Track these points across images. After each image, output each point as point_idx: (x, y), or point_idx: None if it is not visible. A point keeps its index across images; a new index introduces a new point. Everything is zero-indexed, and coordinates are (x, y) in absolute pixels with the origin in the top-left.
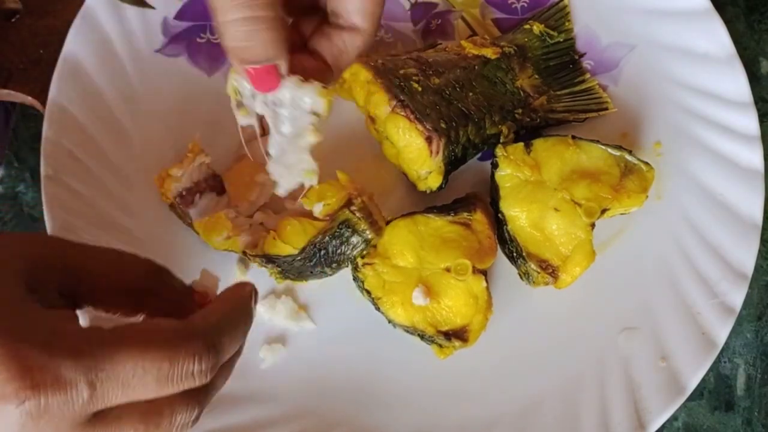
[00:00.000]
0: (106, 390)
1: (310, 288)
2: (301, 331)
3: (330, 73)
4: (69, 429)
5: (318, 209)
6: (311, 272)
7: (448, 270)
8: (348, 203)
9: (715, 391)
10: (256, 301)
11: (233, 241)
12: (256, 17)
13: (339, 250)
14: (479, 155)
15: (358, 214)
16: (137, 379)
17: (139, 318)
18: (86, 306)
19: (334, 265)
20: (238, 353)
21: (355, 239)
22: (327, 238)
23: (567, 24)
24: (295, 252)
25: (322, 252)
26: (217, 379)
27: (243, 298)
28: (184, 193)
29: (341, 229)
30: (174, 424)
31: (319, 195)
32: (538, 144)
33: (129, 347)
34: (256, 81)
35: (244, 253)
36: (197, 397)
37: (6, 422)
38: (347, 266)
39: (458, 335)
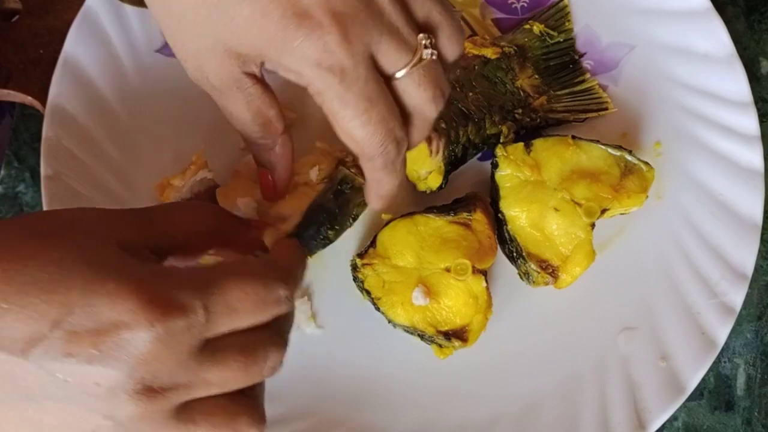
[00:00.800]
0: (216, 315)
1: (309, 288)
2: (301, 331)
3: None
4: (187, 357)
5: (314, 174)
6: (314, 240)
7: (447, 270)
8: (341, 162)
9: (715, 391)
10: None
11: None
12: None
13: (342, 210)
14: (479, 155)
15: (353, 170)
16: (240, 303)
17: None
18: (177, 257)
19: (337, 226)
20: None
21: (355, 195)
22: (329, 195)
23: (567, 24)
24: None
25: (324, 215)
26: (287, 329)
27: (299, 247)
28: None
29: (341, 186)
30: (266, 360)
31: (310, 164)
32: (538, 144)
33: (231, 276)
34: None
35: None
36: (280, 340)
37: (137, 349)
38: (350, 226)
39: (458, 335)
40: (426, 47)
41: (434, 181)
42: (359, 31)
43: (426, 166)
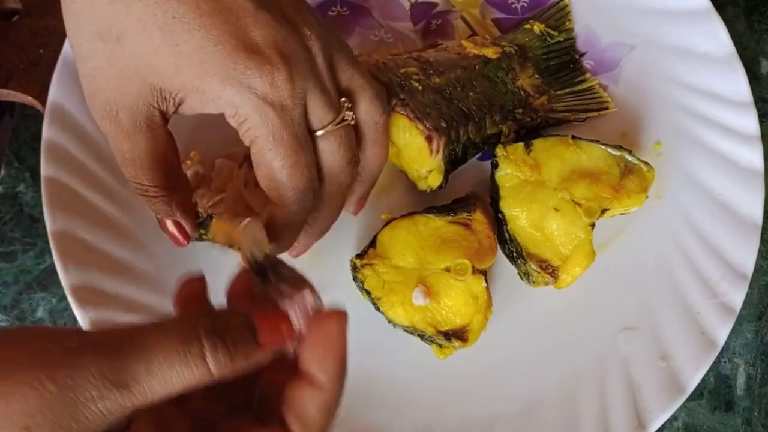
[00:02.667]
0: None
1: None
2: None
3: None
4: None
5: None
6: None
7: (447, 270)
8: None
9: (715, 391)
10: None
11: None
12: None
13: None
14: (479, 155)
15: None
16: None
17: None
18: None
19: None
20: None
21: None
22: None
23: (568, 23)
24: None
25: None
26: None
27: (343, 369)
28: None
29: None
30: None
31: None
32: (538, 144)
33: None
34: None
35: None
36: None
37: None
38: None
39: (458, 335)
40: (348, 110)
41: (434, 181)
42: (302, 76)
43: (426, 166)
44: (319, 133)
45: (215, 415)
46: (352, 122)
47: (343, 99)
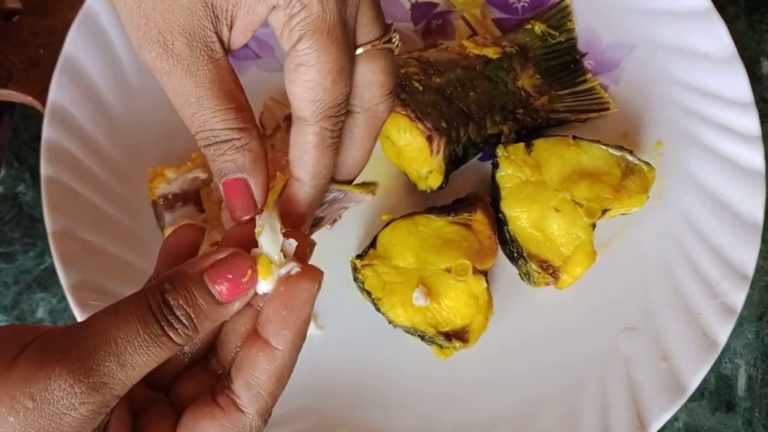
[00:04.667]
0: None
1: None
2: None
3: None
4: None
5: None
6: None
7: (448, 270)
8: None
9: (716, 391)
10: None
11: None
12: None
13: None
14: (480, 155)
15: None
16: None
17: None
18: None
19: None
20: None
21: None
22: None
23: (568, 24)
24: None
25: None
26: None
27: (302, 334)
28: (169, 196)
29: None
30: None
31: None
32: (539, 144)
33: None
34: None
35: None
36: None
37: None
38: None
39: (458, 336)
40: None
41: (435, 181)
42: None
43: (426, 166)
44: (360, 50)
45: (170, 374)
46: (397, 49)
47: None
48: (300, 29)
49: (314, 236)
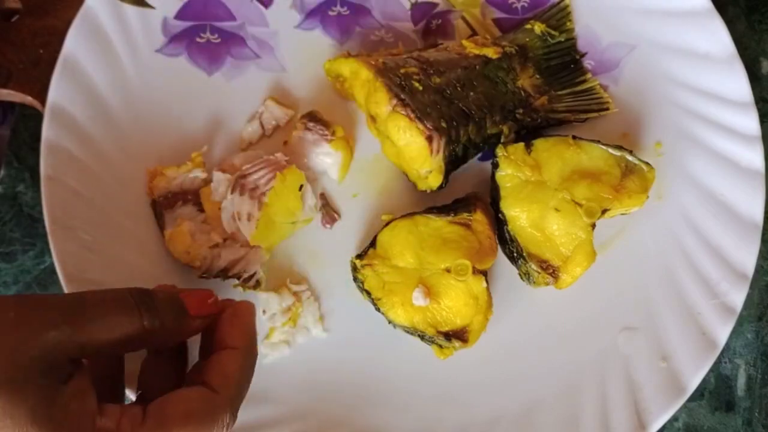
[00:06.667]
0: None
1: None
2: (306, 332)
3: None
4: None
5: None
6: None
7: (448, 270)
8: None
9: (716, 391)
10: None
11: (192, 257)
12: None
13: None
14: (480, 155)
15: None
16: None
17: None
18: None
19: None
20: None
21: None
22: None
23: (568, 24)
24: None
25: None
26: None
27: (252, 337)
28: (169, 195)
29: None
30: None
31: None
32: (539, 144)
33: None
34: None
35: (225, 271)
36: None
37: None
38: None
39: (458, 336)
40: None
41: (434, 181)
42: None
43: (426, 166)
44: None
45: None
46: None
47: None
48: None
49: (314, 236)
